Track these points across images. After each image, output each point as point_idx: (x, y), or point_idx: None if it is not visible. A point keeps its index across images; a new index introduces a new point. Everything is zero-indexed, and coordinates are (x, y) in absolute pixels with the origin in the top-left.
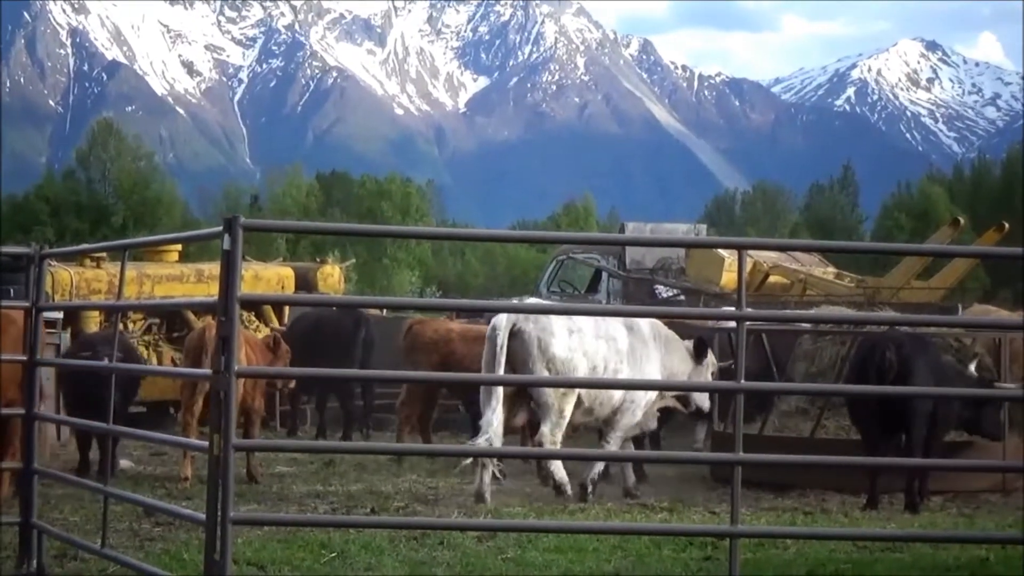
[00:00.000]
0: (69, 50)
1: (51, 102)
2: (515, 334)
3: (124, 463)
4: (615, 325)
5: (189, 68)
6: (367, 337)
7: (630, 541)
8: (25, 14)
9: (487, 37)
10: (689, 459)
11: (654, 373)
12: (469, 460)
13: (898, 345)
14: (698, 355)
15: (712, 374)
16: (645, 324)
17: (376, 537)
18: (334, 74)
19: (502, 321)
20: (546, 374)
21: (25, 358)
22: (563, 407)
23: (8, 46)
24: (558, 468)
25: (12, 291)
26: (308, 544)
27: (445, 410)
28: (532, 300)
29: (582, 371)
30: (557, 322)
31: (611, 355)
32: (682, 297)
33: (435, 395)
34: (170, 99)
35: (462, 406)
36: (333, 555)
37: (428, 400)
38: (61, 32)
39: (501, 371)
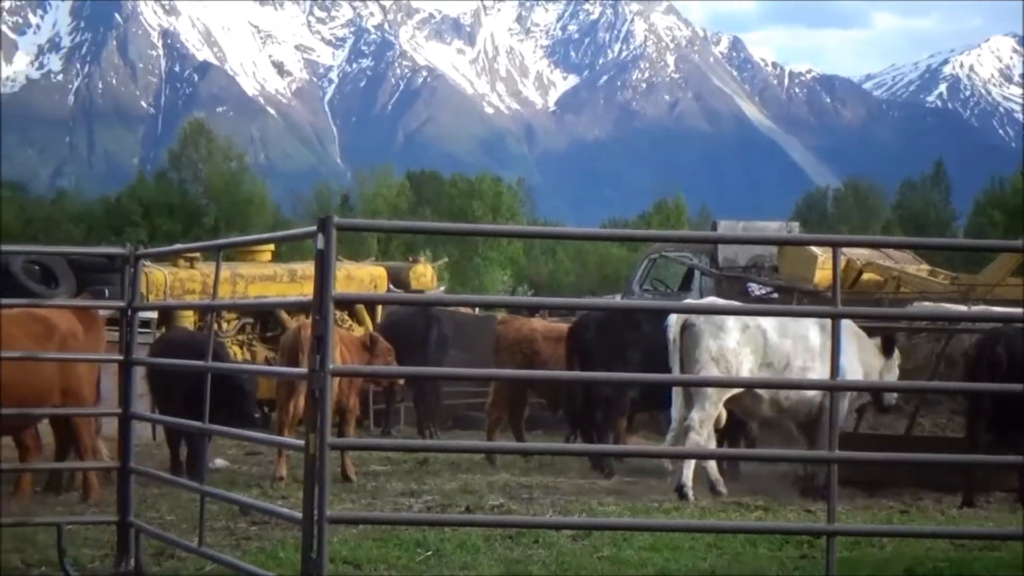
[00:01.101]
0: (160, 51)
1: (143, 103)
2: (686, 328)
3: (219, 462)
4: (805, 323)
5: (279, 68)
6: (440, 336)
7: (725, 540)
8: (116, 16)
9: (576, 35)
10: (785, 457)
11: (854, 369)
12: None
13: (1009, 340)
14: (886, 351)
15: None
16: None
17: (471, 535)
18: (424, 73)
19: (674, 317)
20: (713, 367)
21: (121, 357)
22: (719, 397)
23: (100, 48)
24: (711, 467)
25: (107, 292)
26: (403, 543)
27: (537, 408)
28: (694, 299)
29: (748, 367)
30: (730, 318)
31: (799, 353)
32: (775, 295)
33: (524, 395)
34: (261, 99)
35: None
36: (428, 554)
37: (517, 400)
38: (152, 33)
39: (676, 367)
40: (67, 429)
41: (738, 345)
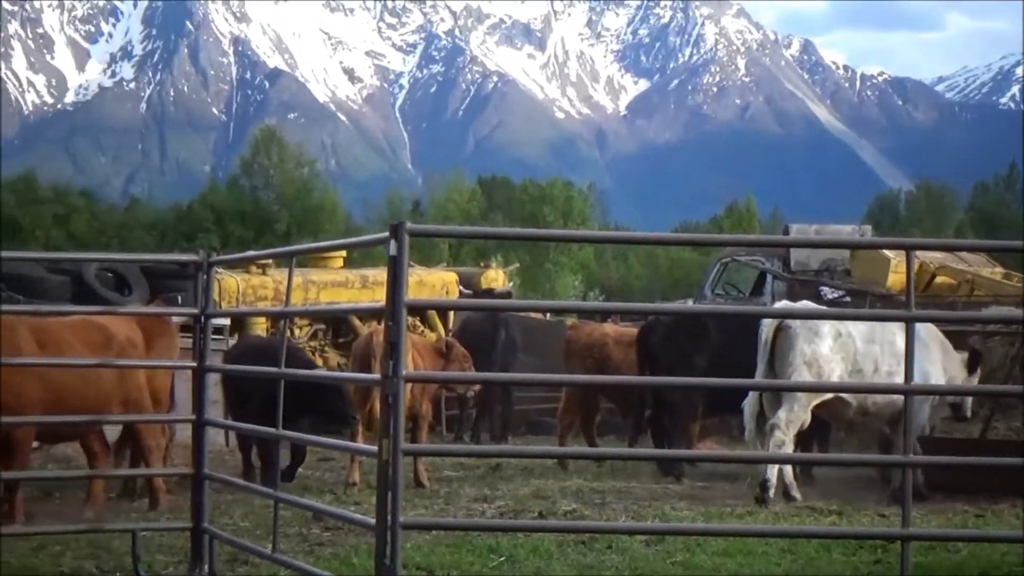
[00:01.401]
0: (231, 58)
1: (214, 110)
2: (780, 330)
3: None
4: (891, 328)
5: (350, 75)
6: (507, 340)
7: (799, 544)
8: (188, 23)
9: (647, 40)
10: (859, 461)
11: (937, 376)
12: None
13: None
14: (971, 368)
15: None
16: (921, 327)
17: (544, 541)
18: (494, 79)
19: (768, 320)
20: (805, 371)
21: (194, 364)
22: (809, 401)
23: (172, 55)
24: (787, 472)
25: (180, 299)
26: (476, 548)
27: (609, 413)
28: (800, 304)
29: (838, 373)
30: (824, 324)
31: (886, 358)
32: (848, 299)
33: (595, 400)
34: (332, 106)
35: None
36: (501, 559)
37: (588, 405)
38: (223, 41)
39: (762, 368)
40: (131, 436)
41: (831, 351)
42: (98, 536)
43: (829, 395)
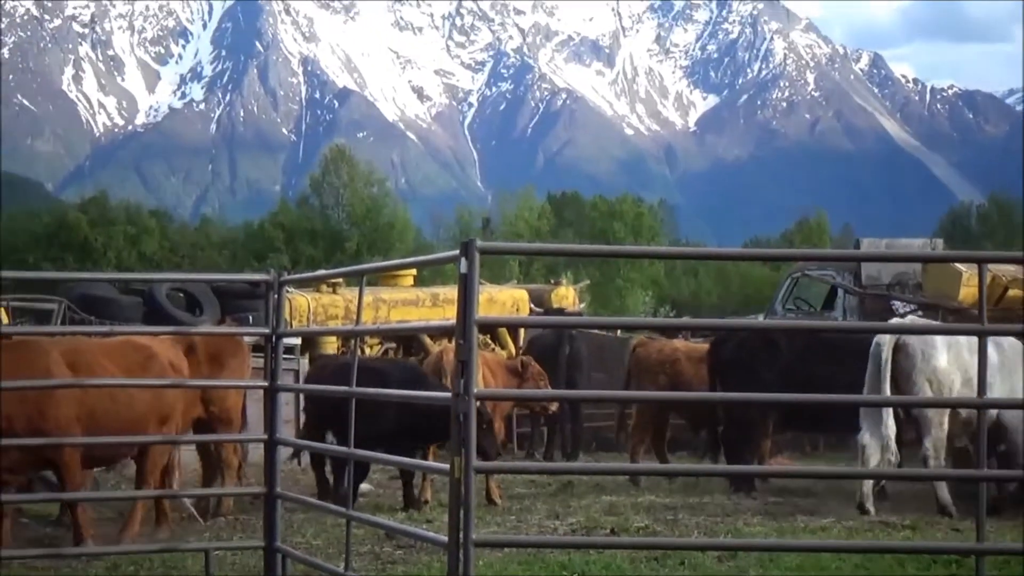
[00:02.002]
0: (301, 78)
1: (284, 130)
2: (899, 348)
3: (364, 487)
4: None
5: (419, 93)
6: (572, 356)
7: (873, 560)
8: (257, 44)
9: (716, 55)
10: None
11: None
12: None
13: None
14: None
15: None
16: (1005, 339)
17: (616, 558)
18: (563, 96)
19: (886, 336)
20: (927, 387)
21: (266, 384)
22: (942, 420)
23: (241, 76)
24: (867, 486)
25: (251, 318)
26: (548, 565)
27: (681, 429)
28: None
29: (958, 386)
30: (938, 338)
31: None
32: (920, 312)
33: (666, 416)
34: (401, 124)
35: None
36: None
37: (659, 422)
38: (292, 61)
39: (887, 386)
40: (207, 456)
41: (948, 364)
42: (172, 556)
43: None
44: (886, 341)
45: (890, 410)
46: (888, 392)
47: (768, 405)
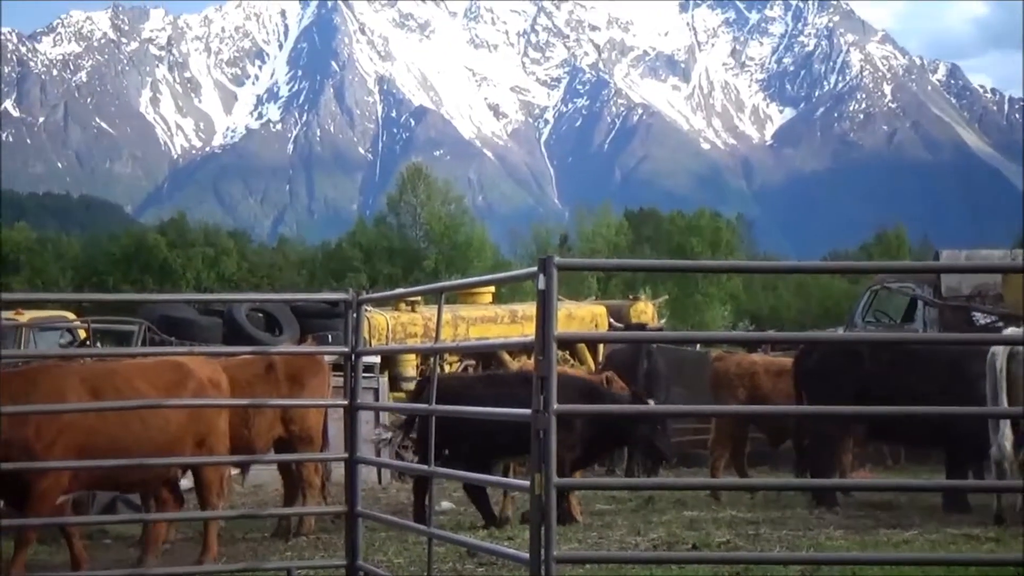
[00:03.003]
0: (377, 97)
1: (361, 149)
2: (1012, 357)
3: (446, 504)
4: None
5: (495, 110)
6: (651, 370)
7: (956, 572)
8: (333, 64)
9: (792, 68)
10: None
11: None
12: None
13: None
14: None
15: None
16: None
17: (698, 573)
18: (639, 111)
19: (1000, 347)
20: None
21: (346, 402)
22: None
23: (317, 96)
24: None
25: (330, 337)
26: None
27: (761, 443)
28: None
29: None
30: None
31: None
32: (1000, 323)
33: (745, 431)
34: (477, 142)
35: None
36: None
37: (739, 436)
38: (368, 80)
39: (1003, 396)
40: (289, 475)
41: None
42: (254, 575)
43: None
44: (1000, 351)
45: (1007, 420)
46: (1005, 402)
47: (850, 418)
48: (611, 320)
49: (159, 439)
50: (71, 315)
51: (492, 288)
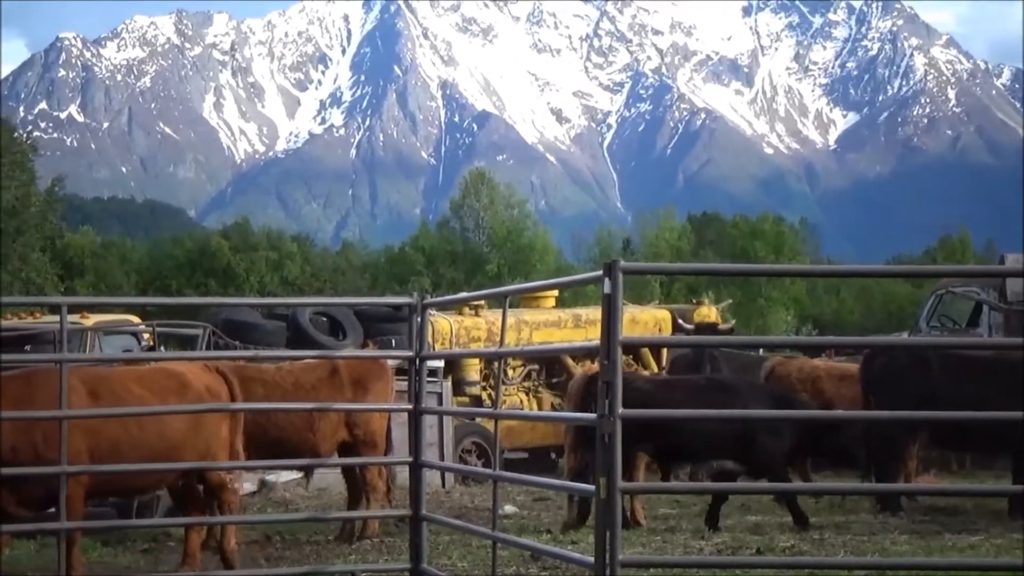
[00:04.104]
0: (440, 102)
1: (423, 154)
2: None
3: (509, 508)
4: None
5: (558, 115)
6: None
7: None
8: (396, 68)
9: (855, 72)
10: None
11: None
12: None
13: None
14: None
15: None
16: None
17: None
18: (702, 116)
19: None
20: None
21: (410, 406)
22: None
23: (380, 101)
24: None
25: (393, 341)
26: None
27: None
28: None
29: None
30: None
31: None
32: None
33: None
34: (540, 146)
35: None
36: None
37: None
38: (431, 85)
39: None
40: (352, 480)
41: None
42: None
43: None
44: None
45: None
46: None
47: (915, 423)
48: (681, 322)
49: (157, 445)
50: (135, 319)
51: (555, 292)
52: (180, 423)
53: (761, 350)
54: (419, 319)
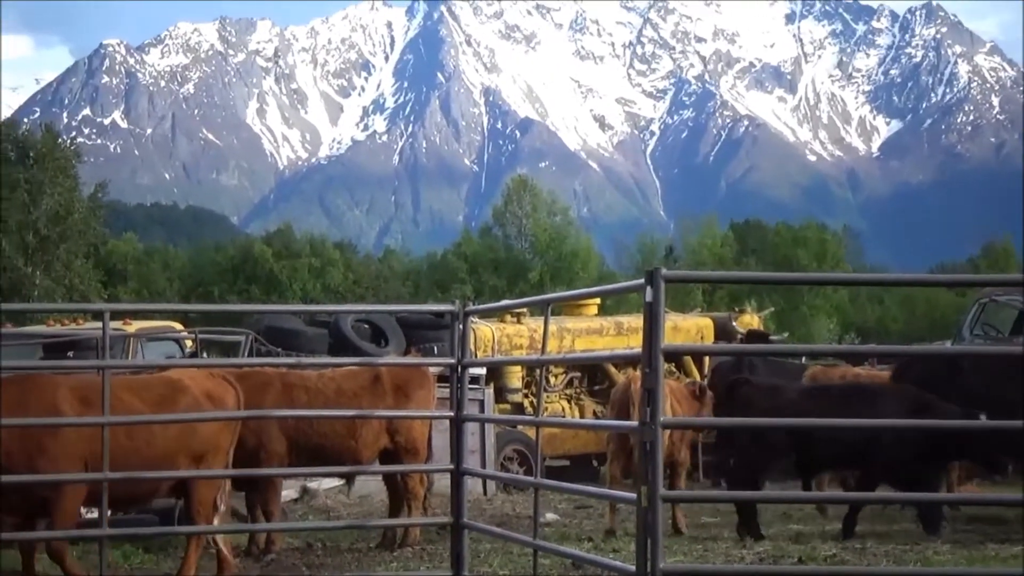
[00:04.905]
0: (482, 109)
1: (466, 161)
2: None
3: (550, 516)
4: None
5: (601, 122)
6: None
7: None
8: (439, 75)
9: (899, 80)
10: None
11: None
12: None
13: None
14: None
15: None
16: None
17: None
18: (745, 123)
19: None
20: None
21: (452, 414)
22: None
23: (423, 107)
24: None
25: (435, 348)
26: None
27: None
28: None
29: None
30: None
31: None
32: None
33: None
34: (583, 153)
35: None
36: None
37: None
38: (474, 91)
39: None
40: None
41: None
42: None
43: None
44: None
45: None
46: None
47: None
48: (734, 325)
49: (146, 453)
50: (178, 325)
51: (598, 300)
52: (171, 430)
53: (803, 358)
54: (461, 326)
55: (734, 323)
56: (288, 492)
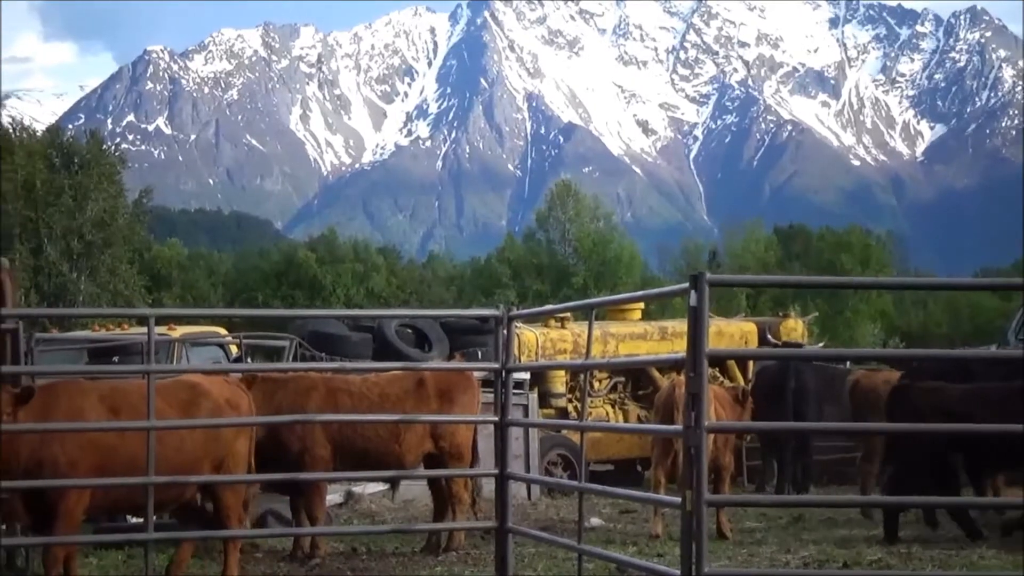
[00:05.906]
0: (526, 114)
1: (510, 166)
2: None
3: (595, 521)
4: None
5: (644, 127)
6: (799, 388)
7: None
8: (482, 80)
9: (943, 84)
10: None
11: None
12: None
13: None
14: None
15: None
16: None
17: None
18: (789, 127)
19: None
20: None
21: (496, 418)
22: None
23: (467, 113)
24: None
25: (479, 353)
26: None
27: None
28: None
29: None
30: None
31: None
32: None
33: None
34: (626, 158)
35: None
36: None
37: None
38: (517, 97)
39: None
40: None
41: None
42: None
43: None
44: None
45: None
46: None
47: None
48: (769, 336)
49: (174, 459)
50: (222, 330)
51: (641, 304)
52: (198, 435)
53: (848, 363)
54: (505, 331)
55: (769, 335)
56: (333, 496)
